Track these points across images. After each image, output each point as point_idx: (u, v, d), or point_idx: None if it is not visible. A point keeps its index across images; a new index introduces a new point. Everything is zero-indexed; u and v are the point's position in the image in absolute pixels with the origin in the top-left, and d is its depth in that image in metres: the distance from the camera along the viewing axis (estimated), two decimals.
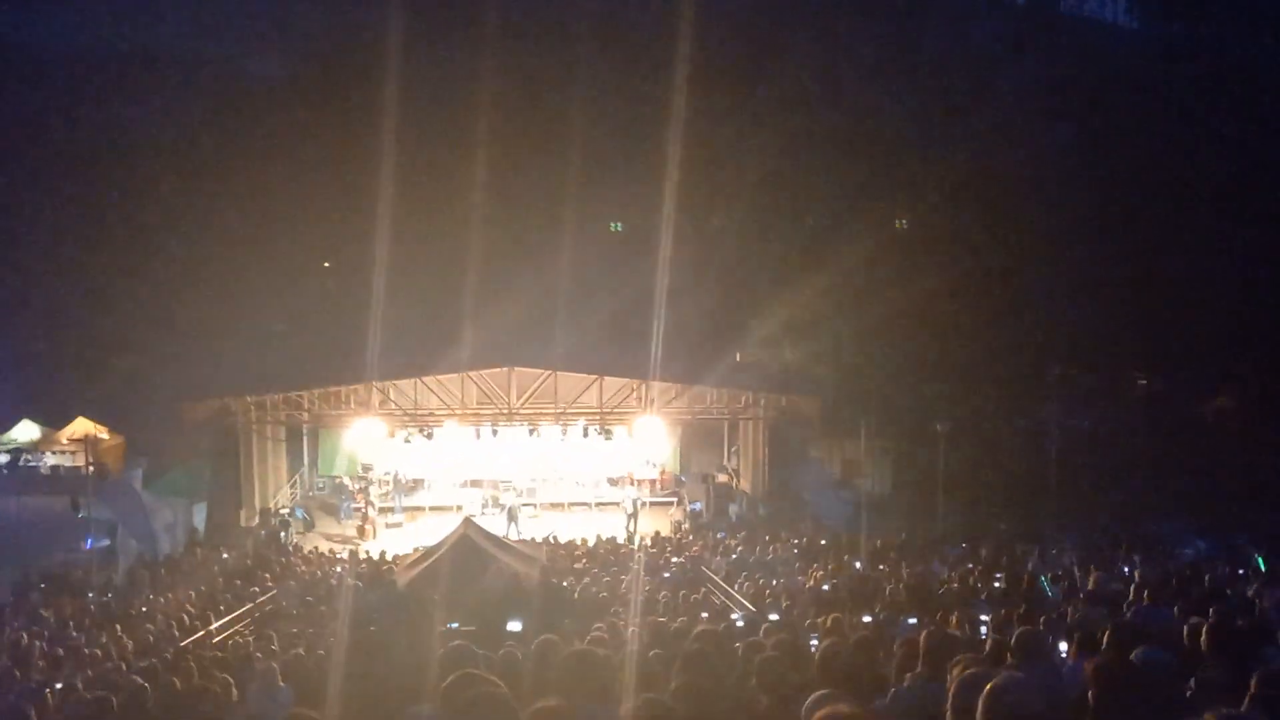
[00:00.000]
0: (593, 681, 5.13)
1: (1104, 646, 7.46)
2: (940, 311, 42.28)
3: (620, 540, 30.20)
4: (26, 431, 36.93)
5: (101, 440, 34.62)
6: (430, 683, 6.11)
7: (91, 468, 29.28)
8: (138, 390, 37.23)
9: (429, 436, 32.92)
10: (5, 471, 35.88)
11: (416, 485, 36.02)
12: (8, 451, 36.32)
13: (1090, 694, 5.25)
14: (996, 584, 17.76)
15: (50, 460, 36.06)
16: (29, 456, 36.01)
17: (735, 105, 50.54)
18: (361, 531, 32.88)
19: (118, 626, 17.27)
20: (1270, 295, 39.91)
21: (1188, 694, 6.15)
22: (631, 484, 35.56)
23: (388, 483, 35.52)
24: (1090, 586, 15.58)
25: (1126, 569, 18.66)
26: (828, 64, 53.33)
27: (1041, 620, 11.45)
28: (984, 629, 11.80)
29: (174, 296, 43.35)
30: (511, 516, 32.46)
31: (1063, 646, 8.76)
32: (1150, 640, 7.34)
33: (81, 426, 35.55)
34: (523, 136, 48.74)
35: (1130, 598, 12.82)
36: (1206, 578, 15.35)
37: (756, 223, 47.82)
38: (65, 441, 35.94)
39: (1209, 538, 25.66)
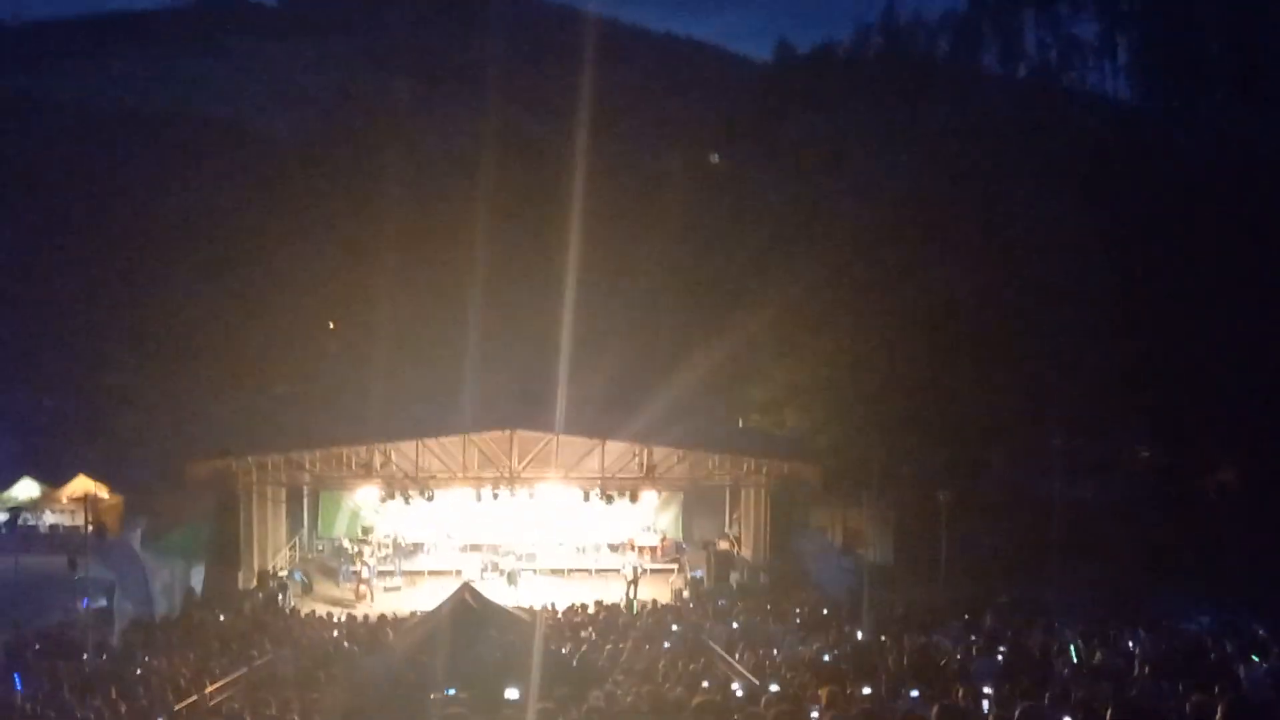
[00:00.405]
0: None
1: None
2: (943, 381, 42.36)
3: (620, 607, 29.98)
4: (26, 490, 36.84)
5: (101, 499, 34.51)
6: None
7: (91, 527, 29.13)
8: (139, 450, 37.23)
9: (429, 498, 32.81)
10: (4, 530, 35.75)
11: (416, 549, 35.88)
12: (7, 510, 36.22)
13: None
14: (1000, 657, 17.58)
15: (49, 519, 35.94)
16: (28, 515, 35.90)
17: (747, 171, 51.13)
18: (357, 594, 32.67)
19: (112, 690, 17.10)
20: (1273, 369, 39.91)
21: None
22: (632, 550, 35.40)
23: (387, 546, 35.37)
24: (1094, 661, 15.43)
25: (1130, 644, 18.48)
26: (835, 136, 53.96)
27: (1046, 695, 11.35)
28: (986, 703, 11.67)
29: (176, 356, 43.48)
30: (511, 580, 32.27)
31: None
32: (1152, 716, 7.27)
33: (82, 485, 35.43)
34: (524, 199, 49.22)
35: (1134, 673, 12.70)
36: (1211, 654, 15.21)
37: (760, 290, 48.07)
38: (65, 500, 35.83)
39: (1213, 612, 25.43)
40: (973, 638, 20.50)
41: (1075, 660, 15.52)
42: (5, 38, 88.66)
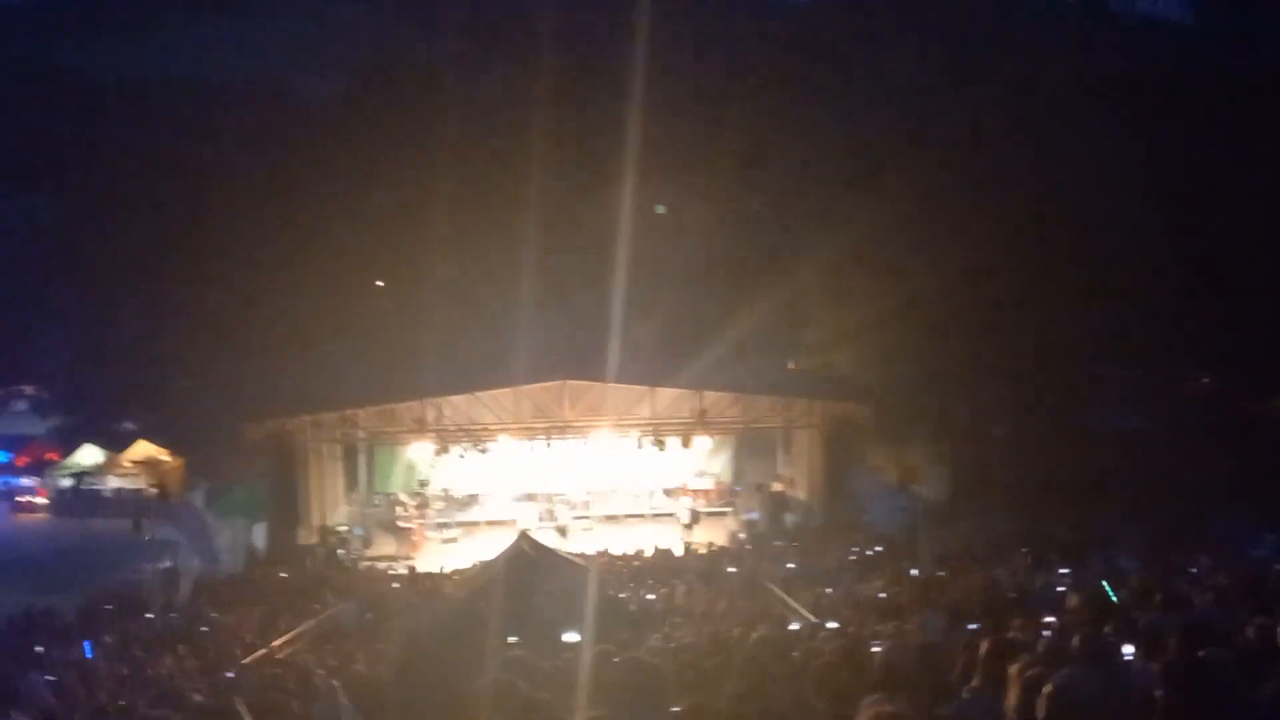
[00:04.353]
0: (646, 689, 5.07)
1: (1172, 648, 7.27)
2: (995, 315, 41.75)
3: (676, 552, 30.11)
4: (89, 455, 37.55)
5: (162, 462, 35.10)
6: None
7: (154, 489, 29.68)
8: (196, 413, 37.70)
9: (483, 451, 33.00)
10: (69, 495, 36.53)
11: (472, 500, 36.17)
12: (71, 475, 36.96)
13: (1160, 694, 5.12)
14: (1061, 589, 17.46)
15: (113, 483, 36.65)
16: (92, 480, 36.62)
17: (781, 109, 50.39)
18: (411, 545, 33.04)
19: (181, 646, 17.47)
20: None
21: (1266, 694, 5.98)
22: (686, 495, 35.47)
23: (442, 499, 35.70)
24: (1157, 589, 15.25)
25: (1194, 570, 18.28)
26: (873, 65, 53.08)
27: (1108, 624, 11.23)
28: (1046, 633, 11.58)
29: (230, 320, 43.86)
30: (562, 533, 32.35)
31: (1127, 649, 8.56)
32: (1218, 641, 7.15)
33: (142, 449, 36.07)
34: (573, 149, 48.85)
35: (1198, 599, 12.53)
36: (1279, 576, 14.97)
37: (808, 231, 47.50)
38: (127, 464, 36.49)
39: (1277, 536, 25.06)
40: (1032, 571, 20.40)
41: (1113, 599, 15.28)
42: (42, 13, 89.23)
